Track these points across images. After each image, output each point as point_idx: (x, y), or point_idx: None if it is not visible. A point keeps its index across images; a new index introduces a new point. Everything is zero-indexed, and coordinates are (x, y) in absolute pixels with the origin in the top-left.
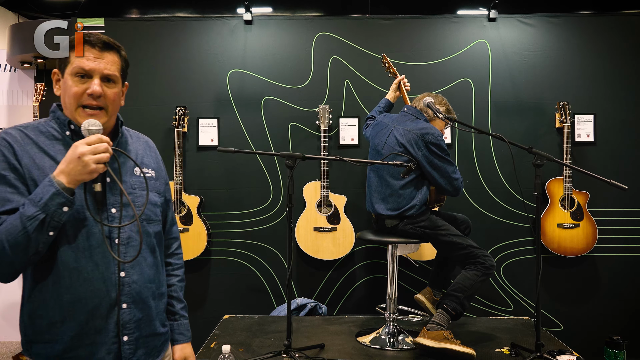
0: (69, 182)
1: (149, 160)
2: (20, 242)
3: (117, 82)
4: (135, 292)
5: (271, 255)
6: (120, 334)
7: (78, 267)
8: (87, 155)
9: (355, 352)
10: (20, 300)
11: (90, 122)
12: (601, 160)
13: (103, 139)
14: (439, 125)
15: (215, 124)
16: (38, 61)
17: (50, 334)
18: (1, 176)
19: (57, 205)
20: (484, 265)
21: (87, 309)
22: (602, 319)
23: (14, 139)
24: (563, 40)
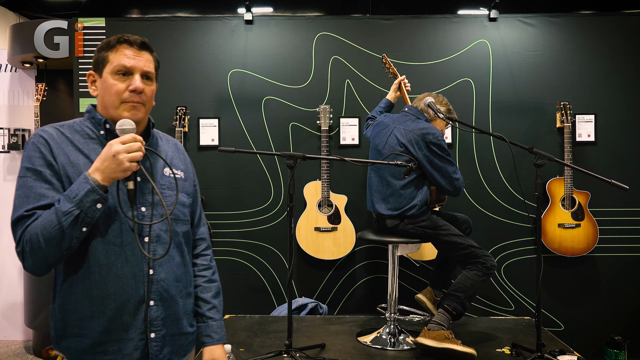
0: (103, 180)
1: (178, 161)
2: (55, 236)
3: (154, 81)
4: (163, 289)
5: (272, 255)
6: (148, 330)
7: (108, 263)
8: (121, 153)
9: (356, 352)
10: (52, 294)
11: (125, 122)
12: (602, 160)
13: (137, 138)
14: (439, 125)
15: (216, 123)
16: (39, 61)
17: (80, 328)
18: (37, 172)
19: (92, 201)
20: (485, 265)
21: (116, 304)
22: (603, 319)
23: (51, 137)
24: (564, 40)
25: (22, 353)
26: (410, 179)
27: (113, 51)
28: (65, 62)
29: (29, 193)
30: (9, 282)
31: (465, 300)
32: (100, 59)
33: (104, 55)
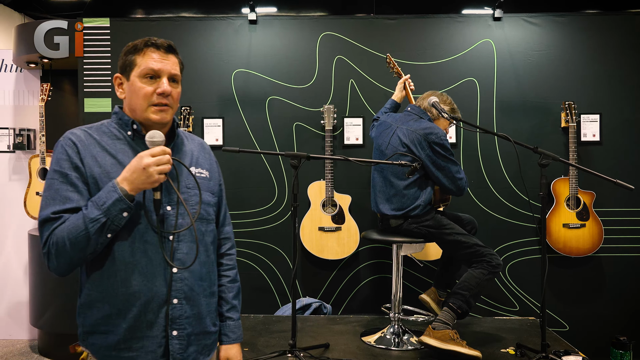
0: (131, 190)
1: (203, 161)
2: (81, 241)
3: (179, 83)
4: (187, 288)
5: (276, 254)
6: (170, 328)
7: (133, 262)
8: (151, 166)
9: (360, 351)
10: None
11: (155, 134)
12: (607, 160)
13: (166, 150)
14: (442, 125)
15: (220, 123)
16: (44, 61)
17: (106, 325)
18: (64, 175)
19: (119, 210)
20: (491, 263)
21: (141, 302)
22: (608, 320)
23: (79, 139)
24: (568, 39)
25: (28, 352)
26: (414, 179)
27: (140, 54)
28: (70, 62)
29: (55, 195)
30: (14, 281)
31: (471, 299)
32: (128, 62)
33: (132, 59)
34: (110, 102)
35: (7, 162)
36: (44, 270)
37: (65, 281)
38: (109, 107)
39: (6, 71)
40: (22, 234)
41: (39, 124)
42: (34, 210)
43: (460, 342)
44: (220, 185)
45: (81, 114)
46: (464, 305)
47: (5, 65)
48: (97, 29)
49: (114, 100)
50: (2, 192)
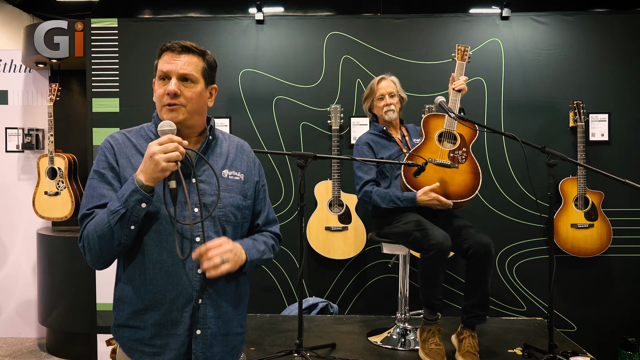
0: (147, 180)
1: (240, 163)
2: (105, 234)
3: (197, 82)
4: (213, 289)
5: (282, 254)
6: (195, 327)
7: (160, 260)
8: (157, 154)
9: (366, 351)
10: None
11: (164, 124)
12: (616, 159)
13: (173, 138)
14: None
15: (227, 123)
16: (52, 62)
17: (135, 320)
18: (101, 174)
19: (136, 201)
20: (423, 247)
21: (167, 300)
22: (617, 320)
23: (116, 141)
24: (577, 38)
25: (36, 350)
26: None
27: (160, 59)
28: (79, 62)
29: (92, 193)
30: (23, 280)
31: (423, 289)
32: (154, 67)
33: (155, 64)
34: (118, 102)
35: (16, 161)
36: (53, 269)
37: (73, 280)
38: (117, 107)
39: (15, 71)
40: (30, 233)
41: (47, 124)
42: (43, 209)
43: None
44: (257, 186)
45: (89, 114)
46: (421, 298)
47: (15, 65)
48: (105, 29)
49: (122, 100)
50: (11, 191)
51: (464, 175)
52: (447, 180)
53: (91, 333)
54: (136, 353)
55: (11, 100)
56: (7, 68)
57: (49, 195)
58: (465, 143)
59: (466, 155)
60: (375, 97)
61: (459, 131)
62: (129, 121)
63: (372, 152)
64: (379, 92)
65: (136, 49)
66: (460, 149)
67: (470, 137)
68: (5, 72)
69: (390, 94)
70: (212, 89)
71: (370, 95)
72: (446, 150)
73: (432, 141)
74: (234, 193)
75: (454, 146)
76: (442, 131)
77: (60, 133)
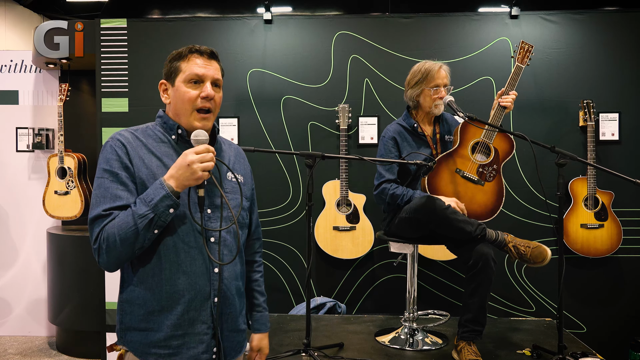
0: (177, 187)
1: (240, 166)
2: (130, 236)
3: (221, 88)
4: (226, 287)
5: (290, 254)
6: (214, 325)
7: (178, 261)
8: (195, 163)
9: (374, 351)
10: (119, 289)
11: (199, 133)
12: (626, 159)
13: (210, 149)
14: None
15: (236, 123)
16: (62, 62)
17: (147, 322)
18: (115, 174)
19: (165, 206)
20: (435, 211)
21: (184, 300)
22: (627, 321)
23: (127, 140)
24: (587, 37)
25: (46, 349)
26: None
27: (185, 60)
28: (88, 62)
29: (105, 193)
30: (33, 278)
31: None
32: (173, 68)
33: (177, 65)
34: (127, 102)
35: (27, 161)
36: (62, 268)
37: (83, 279)
38: (126, 107)
39: (26, 72)
40: (41, 232)
41: (57, 124)
42: (53, 208)
43: None
44: (253, 190)
45: (99, 114)
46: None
47: (25, 66)
48: (114, 29)
49: (131, 100)
50: (22, 191)
51: (487, 195)
52: (469, 196)
53: (101, 332)
54: (150, 357)
55: (22, 100)
56: (18, 68)
57: (59, 195)
58: (498, 159)
59: (495, 174)
60: (429, 86)
61: (496, 145)
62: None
63: (396, 149)
64: (436, 82)
65: (145, 49)
66: (491, 165)
67: (505, 154)
68: (16, 72)
69: (445, 85)
70: None
71: (423, 81)
72: (477, 163)
73: (465, 150)
74: (238, 195)
75: (485, 160)
76: (478, 141)
77: (70, 133)
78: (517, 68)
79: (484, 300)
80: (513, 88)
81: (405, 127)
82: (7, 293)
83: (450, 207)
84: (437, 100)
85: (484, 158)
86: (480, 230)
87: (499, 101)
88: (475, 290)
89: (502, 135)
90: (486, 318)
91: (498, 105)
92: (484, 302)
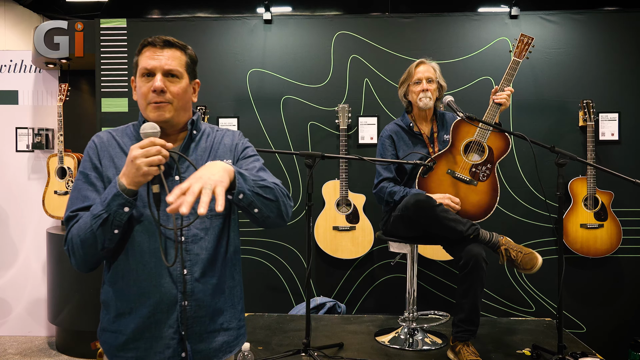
0: (129, 184)
1: (223, 151)
2: (88, 238)
3: (182, 77)
4: (198, 288)
5: (290, 254)
6: (181, 329)
7: (143, 262)
8: (138, 158)
9: (374, 351)
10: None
11: (146, 126)
12: (626, 159)
13: (155, 142)
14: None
15: (235, 123)
16: (62, 62)
17: (117, 324)
18: (85, 175)
19: (118, 205)
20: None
21: (150, 303)
22: (627, 321)
23: (100, 140)
24: (587, 37)
25: (46, 349)
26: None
27: (140, 55)
28: (88, 62)
29: (77, 195)
30: (33, 278)
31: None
32: (134, 64)
33: (135, 61)
34: (127, 102)
35: (26, 161)
36: (62, 268)
37: (82, 279)
38: (126, 107)
39: (26, 72)
40: (40, 232)
41: (57, 124)
42: (52, 208)
43: None
44: (236, 151)
45: (98, 114)
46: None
47: (25, 66)
48: (114, 29)
49: (131, 100)
50: (21, 191)
51: (480, 195)
52: (461, 197)
53: None
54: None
55: (21, 100)
56: (17, 68)
57: (59, 195)
58: (492, 158)
59: (489, 173)
60: (411, 82)
61: (490, 144)
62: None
63: (393, 147)
64: (416, 76)
65: None
66: (485, 164)
67: (500, 153)
68: (15, 72)
69: (428, 79)
70: (195, 84)
71: (407, 79)
72: (469, 163)
73: (456, 150)
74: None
75: (479, 160)
76: (471, 140)
77: (70, 133)
78: (514, 62)
79: (477, 300)
80: (509, 84)
81: (401, 126)
82: (7, 293)
83: (442, 205)
84: (420, 93)
85: (478, 157)
86: (472, 231)
87: (493, 98)
88: (467, 290)
89: (497, 133)
90: (479, 318)
91: (492, 102)
92: (477, 302)
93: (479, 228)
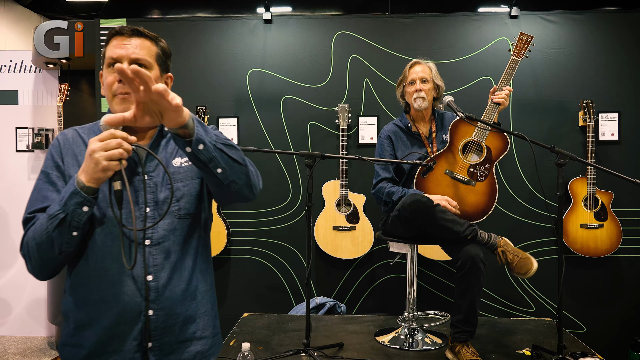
0: (89, 181)
1: None
2: (44, 241)
3: (151, 68)
4: (164, 296)
5: (290, 254)
6: (145, 341)
7: (104, 267)
8: (97, 152)
9: (374, 351)
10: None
11: (106, 117)
12: (626, 159)
13: (116, 134)
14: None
15: (235, 123)
16: (62, 62)
17: (77, 337)
18: (46, 174)
19: (76, 204)
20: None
21: (112, 313)
22: (627, 321)
23: (64, 138)
24: (587, 37)
25: (46, 349)
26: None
27: (108, 45)
28: (88, 62)
29: (37, 195)
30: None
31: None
32: (102, 56)
33: (102, 52)
34: None
35: (26, 161)
36: None
37: None
38: None
39: (26, 72)
40: None
41: (57, 124)
42: None
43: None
44: None
45: (98, 114)
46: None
47: (25, 66)
48: None
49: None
50: (21, 190)
51: (478, 196)
52: (459, 197)
53: None
54: None
55: (21, 100)
56: (17, 68)
57: None
58: (490, 158)
59: (487, 173)
60: (406, 82)
61: (489, 144)
62: None
63: (391, 147)
64: (410, 77)
65: None
66: (483, 164)
67: (498, 153)
68: (15, 72)
69: (422, 79)
70: (167, 78)
71: (403, 80)
72: (467, 163)
73: (455, 150)
74: (189, 179)
75: (477, 160)
76: (470, 140)
77: None
78: (513, 61)
79: (474, 301)
80: (508, 83)
81: (399, 126)
82: (7, 293)
83: (439, 205)
84: (415, 93)
85: (476, 157)
86: (470, 231)
87: (492, 98)
88: (465, 291)
89: (496, 133)
90: (477, 318)
91: (491, 101)
92: (474, 303)
93: (477, 229)
